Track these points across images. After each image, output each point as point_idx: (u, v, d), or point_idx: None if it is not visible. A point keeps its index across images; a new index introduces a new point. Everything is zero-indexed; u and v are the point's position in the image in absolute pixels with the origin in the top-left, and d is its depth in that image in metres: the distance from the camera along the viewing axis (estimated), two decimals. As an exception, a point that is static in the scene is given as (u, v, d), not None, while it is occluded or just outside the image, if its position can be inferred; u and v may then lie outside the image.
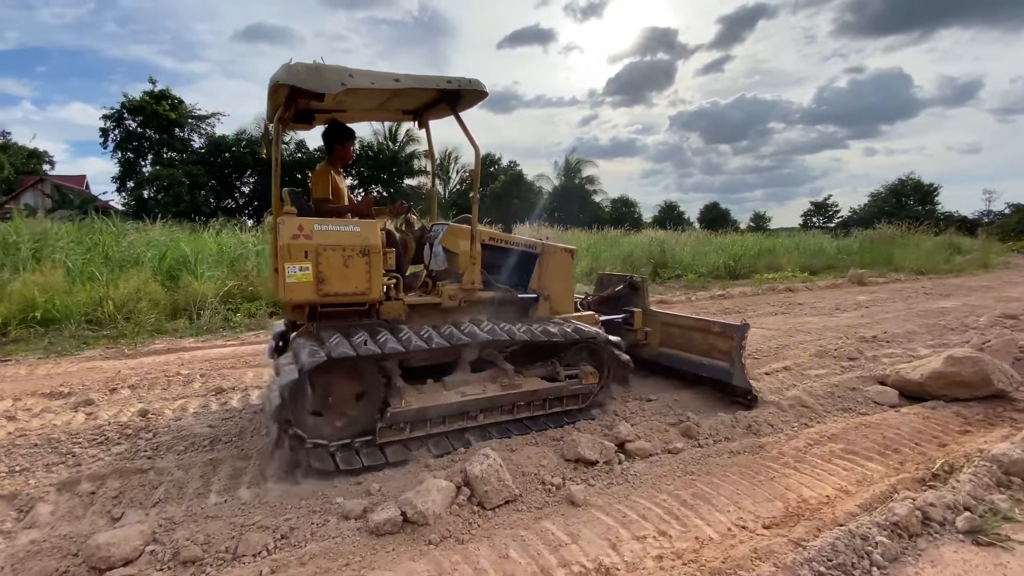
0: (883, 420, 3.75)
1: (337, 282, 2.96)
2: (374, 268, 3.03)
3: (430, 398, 3.16)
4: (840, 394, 4.25)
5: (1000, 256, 21.11)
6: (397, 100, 3.68)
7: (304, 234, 2.89)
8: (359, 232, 3.03)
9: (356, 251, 2.99)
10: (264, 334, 6.96)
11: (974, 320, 7.07)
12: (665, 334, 4.63)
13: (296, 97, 3.08)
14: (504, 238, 3.92)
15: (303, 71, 2.84)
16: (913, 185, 42.25)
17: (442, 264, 3.69)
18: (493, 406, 3.35)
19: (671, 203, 44.35)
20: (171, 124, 30.04)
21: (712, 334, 4.23)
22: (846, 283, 12.70)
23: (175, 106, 30.22)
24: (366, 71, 3.00)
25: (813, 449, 3.27)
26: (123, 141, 29.51)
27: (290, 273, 2.85)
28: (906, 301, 9.42)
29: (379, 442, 3.03)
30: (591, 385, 3.70)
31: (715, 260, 15.72)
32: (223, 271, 9.01)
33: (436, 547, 2.24)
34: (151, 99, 29.10)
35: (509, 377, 3.44)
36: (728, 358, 4.04)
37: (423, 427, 3.15)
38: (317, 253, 2.90)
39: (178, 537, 2.26)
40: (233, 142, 30.32)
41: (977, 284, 12.30)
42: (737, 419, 3.67)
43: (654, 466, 3.00)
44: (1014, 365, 4.58)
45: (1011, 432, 3.44)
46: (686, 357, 4.40)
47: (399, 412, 3.01)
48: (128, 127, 29.57)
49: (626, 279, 4.87)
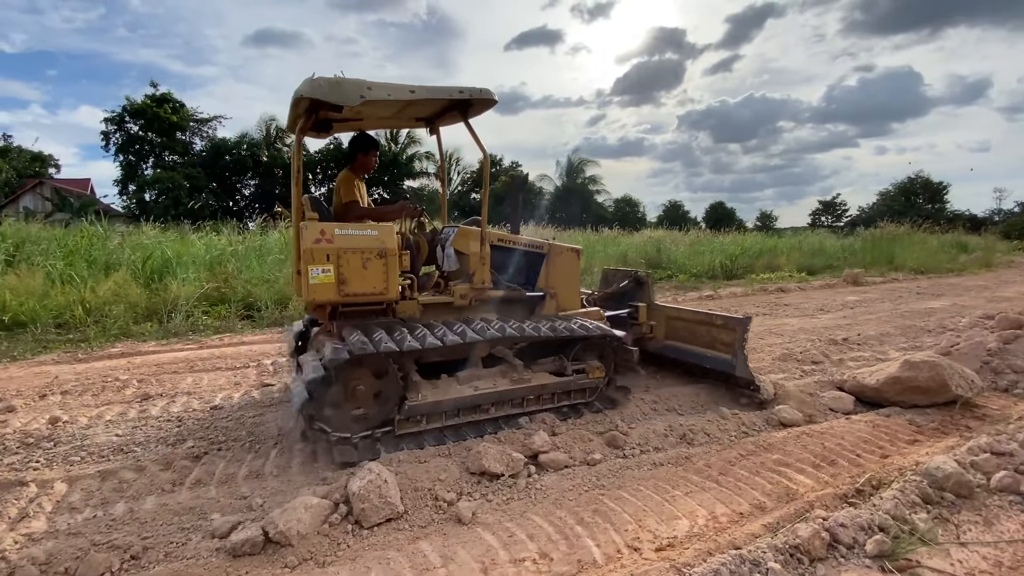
0: (829, 429, 3.53)
1: (357, 283, 3.13)
2: (391, 269, 3.21)
3: (444, 392, 3.31)
4: (799, 399, 4.03)
5: (1006, 255, 20.61)
6: (411, 109, 3.81)
7: (326, 238, 3.07)
8: (376, 236, 3.20)
9: (374, 253, 3.16)
10: (229, 337, 6.87)
11: (957, 321, 6.79)
12: (670, 328, 4.74)
13: (317, 108, 3.22)
14: (512, 239, 4.03)
15: (325, 85, 2.98)
16: (922, 183, 41.54)
17: (454, 265, 3.86)
18: (504, 400, 3.48)
19: (676, 202, 44.03)
20: (172, 127, 30.27)
21: (715, 327, 4.32)
22: (840, 283, 12.39)
23: (176, 109, 30.44)
24: (383, 83, 3.14)
25: (744, 461, 3.07)
26: (124, 144, 29.76)
27: (313, 275, 3.03)
28: (895, 302, 9.13)
29: (397, 433, 3.18)
30: (598, 379, 3.80)
31: (711, 260, 15.46)
32: (202, 273, 8.96)
33: (293, 571, 2.08)
34: (152, 102, 29.31)
35: (519, 372, 3.56)
36: (731, 350, 4.12)
37: (438, 419, 3.31)
38: (338, 256, 3.07)
39: (23, 555, 2.11)
40: (234, 145, 30.44)
41: (974, 284, 11.94)
42: (672, 427, 3.48)
43: (564, 479, 2.82)
44: (981, 369, 4.34)
45: (959, 442, 3.22)
46: (690, 349, 4.49)
47: (416, 405, 3.17)
48: (129, 130, 29.81)
49: (631, 275, 4.97)
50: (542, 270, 4.12)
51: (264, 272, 9.13)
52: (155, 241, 10.08)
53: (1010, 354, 4.39)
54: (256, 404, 4.06)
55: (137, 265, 8.89)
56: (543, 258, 4.12)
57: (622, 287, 4.94)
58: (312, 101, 3.07)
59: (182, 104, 30.99)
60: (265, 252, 10.05)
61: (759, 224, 40.54)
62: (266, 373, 4.95)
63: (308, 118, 3.36)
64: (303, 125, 3.38)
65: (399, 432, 3.19)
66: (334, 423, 3.03)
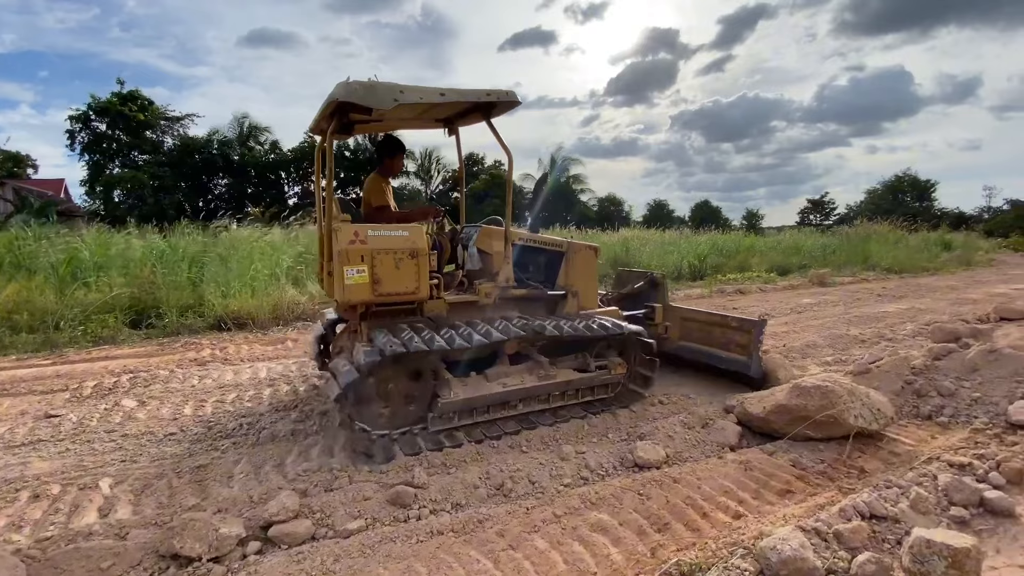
0: (689, 473, 2.84)
1: (390, 283, 3.16)
2: (422, 269, 3.23)
3: (475, 389, 3.36)
4: (671, 431, 3.34)
5: (990, 253, 19.97)
6: (434, 111, 3.81)
7: (360, 239, 3.08)
8: (408, 236, 3.23)
9: (406, 254, 3.19)
10: (100, 350, 6.20)
11: (901, 328, 6.09)
12: (684, 329, 4.79)
13: (346, 111, 3.23)
14: (533, 238, 4.09)
15: (360, 88, 2.98)
16: (910, 181, 40.96)
17: (477, 264, 3.91)
18: (531, 396, 3.56)
19: (661, 202, 43.35)
20: (141, 126, 29.48)
21: (731, 329, 4.39)
22: (805, 284, 11.72)
23: (144, 107, 29.64)
24: (415, 87, 3.14)
25: (554, 525, 2.37)
26: (91, 143, 28.97)
27: (348, 276, 3.05)
28: (850, 305, 8.44)
29: (431, 430, 3.26)
30: (619, 375, 3.88)
31: (678, 260, 14.82)
32: (113, 277, 8.27)
33: None
34: (118, 100, 28.52)
35: (545, 368, 3.62)
36: (746, 351, 4.19)
37: (469, 416, 3.37)
38: (372, 257, 3.10)
39: None
40: (203, 143, 29.66)
41: (945, 284, 11.27)
42: (489, 475, 2.78)
43: (292, 562, 2.11)
44: (902, 391, 3.65)
45: (835, 497, 2.52)
46: (706, 350, 4.54)
47: (448, 402, 3.23)
48: (95, 129, 29.03)
49: (647, 276, 5.02)
50: (561, 268, 4.14)
51: (197, 275, 8.44)
52: (91, 242, 9.39)
53: (939, 373, 3.70)
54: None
55: (56, 269, 8.21)
56: (562, 256, 4.14)
57: (637, 288, 4.98)
58: (341, 104, 3.04)
59: (151, 102, 30.18)
60: (220, 254, 9.31)
61: (745, 223, 39.81)
62: (74, 400, 4.23)
63: (337, 120, 3.32)
64: (334, 127, 3.35)
65: (432, 429, 3.27)
66: (368, 419, 3.15)
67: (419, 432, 3.30)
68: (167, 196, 26.86)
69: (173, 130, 31.93)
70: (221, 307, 7.72)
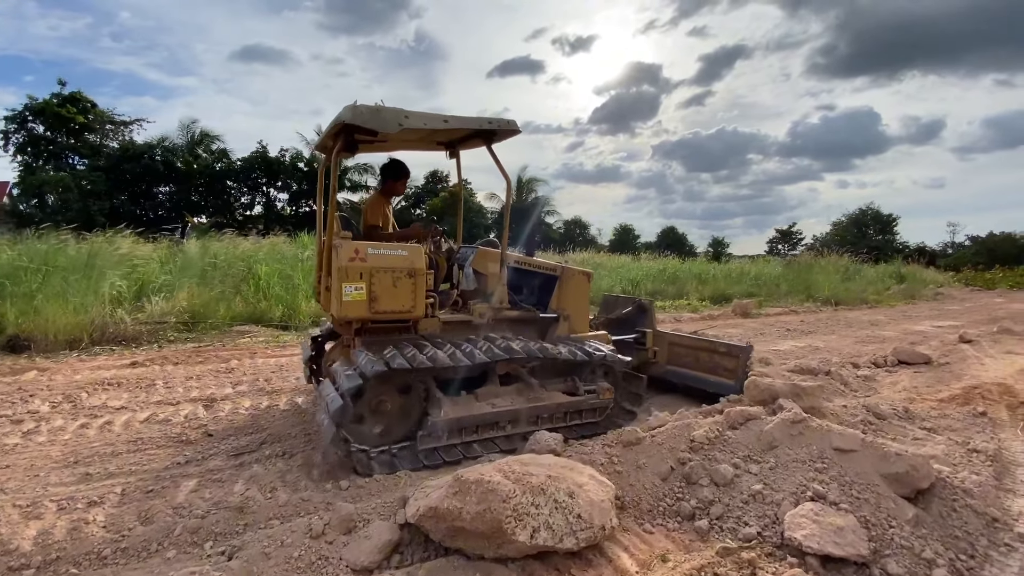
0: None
1: (387, 301, 3.21)
2: (419, 288, 3.30)
3: (464, 409, 3.34)
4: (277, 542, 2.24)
5: (942, 287, 19.36)
6: (436, 135, 3.89)
7: (360, 257, 3.15)
8: (407, 256, 3.30)
9: (404, 273, 3.25)
10: None
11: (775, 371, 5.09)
12: (672, 353, 4.88)
13: (351, 132, 3.33)
14: (528, 262, 4.11)
15: (366, 112, 3.13)
16: (873, 215, 41.01)
17: (472, 284, 3.92)
18: (520, 418, 3.50)
19: (627, 226, 42.77)
20: (84, 128, 28.18)
21: (718, 354, 4.50)
22: (726, 315, 10.80)
23: (87, 110, 28.38)
24: (420, 113, 3.30)
25: None
26: (24, 145, 27.59)
27: (346, 292, 3.10)
28: (750, 339, 7.46)
29: (419, 448, 3.21)
30: (607, 400, 3.84)
31: (608, 286, 13.98)
32: None
33: None
34: (56, 102, 27.24)
35: (534, 390, 3.61)
36: (733, 375, 4.27)
37: (457, 436, 3.32)
38: (370, 274, 3.16)
39: None
40: (145, 149, 28.33)
41: (872, 318, 10.41)
42: None
43: None
44: (671, 474, 2.60)
45: None
46: (693, 374, 4.62)
47: (438, 421, 3.22)
48: (32, 130, 27.70)
49: (635, 301, 5.10)
50: (555, 292, 4.18)
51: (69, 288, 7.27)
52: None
53: (725, 450, 2.66)
54: None
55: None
56: (555, 280, 4.18)
57: (625, 313, 5.04)
58: (347, 125, 3.14)
59: (94, 104, 28.96)
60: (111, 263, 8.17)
61: (710, 250, 39.27)
62: None
63: (343, 140, 3.40)
64: (339, 147, 3.43)
65: (420, 447, 3.20)
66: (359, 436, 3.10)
67: (397, 452, 3.19)
68: (97, 202, 25.42)
69: (120, 134, 30.66)
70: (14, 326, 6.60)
